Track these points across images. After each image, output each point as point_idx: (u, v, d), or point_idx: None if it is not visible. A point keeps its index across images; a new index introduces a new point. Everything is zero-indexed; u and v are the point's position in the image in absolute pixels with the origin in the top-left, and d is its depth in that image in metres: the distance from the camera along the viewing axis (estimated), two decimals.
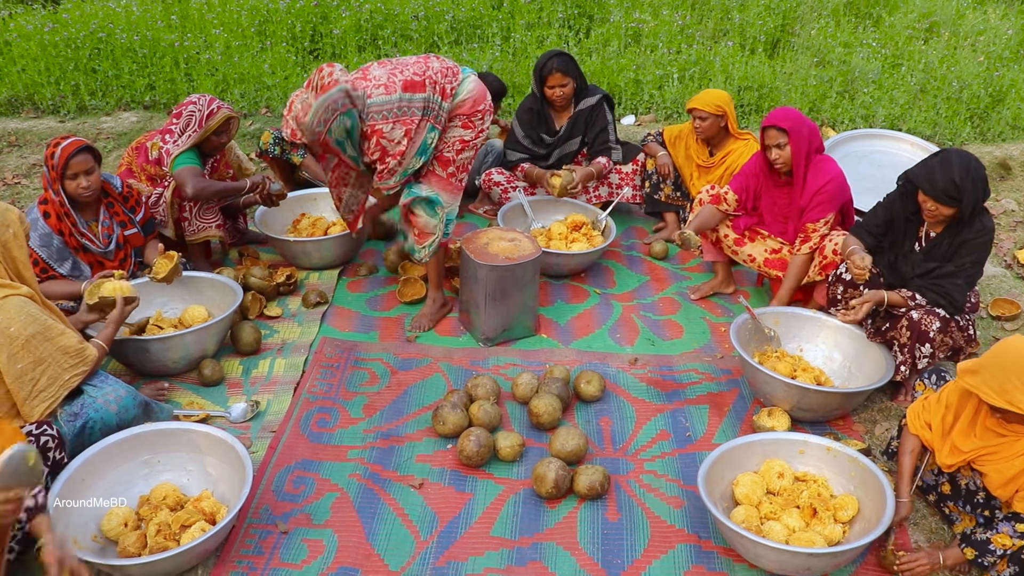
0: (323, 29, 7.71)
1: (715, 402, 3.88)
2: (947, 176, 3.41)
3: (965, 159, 3.45)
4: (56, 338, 3.08)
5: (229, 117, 4.50)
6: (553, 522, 3.21)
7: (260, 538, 3.12)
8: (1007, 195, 5.85)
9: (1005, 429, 2.82)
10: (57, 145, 3.82)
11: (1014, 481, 2.79)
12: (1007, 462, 2.80)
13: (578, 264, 4.85)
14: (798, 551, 2.82)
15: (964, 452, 2.90)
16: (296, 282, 4.72)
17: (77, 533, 2.89)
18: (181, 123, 4.40)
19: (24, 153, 6.31)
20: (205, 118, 4.41)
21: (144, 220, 4.24)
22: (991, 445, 2.84)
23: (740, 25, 7.70)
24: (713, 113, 4.79)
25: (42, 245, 3.87)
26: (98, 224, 4.04)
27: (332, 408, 3.81)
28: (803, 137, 4.02)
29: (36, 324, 3.02)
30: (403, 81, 3.74)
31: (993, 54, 7.30)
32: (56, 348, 3.08)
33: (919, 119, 6.47)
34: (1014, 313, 4.46)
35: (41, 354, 3.04)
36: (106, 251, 4.04)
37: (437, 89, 3.79)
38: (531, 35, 7.62)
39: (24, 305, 3.02)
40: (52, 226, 3.89)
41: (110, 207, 4.10)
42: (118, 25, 7.34)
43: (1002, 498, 2.86)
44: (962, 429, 2.93)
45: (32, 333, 3.00)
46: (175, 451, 3.26)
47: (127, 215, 4.15)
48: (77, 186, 3.86)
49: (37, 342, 3.02)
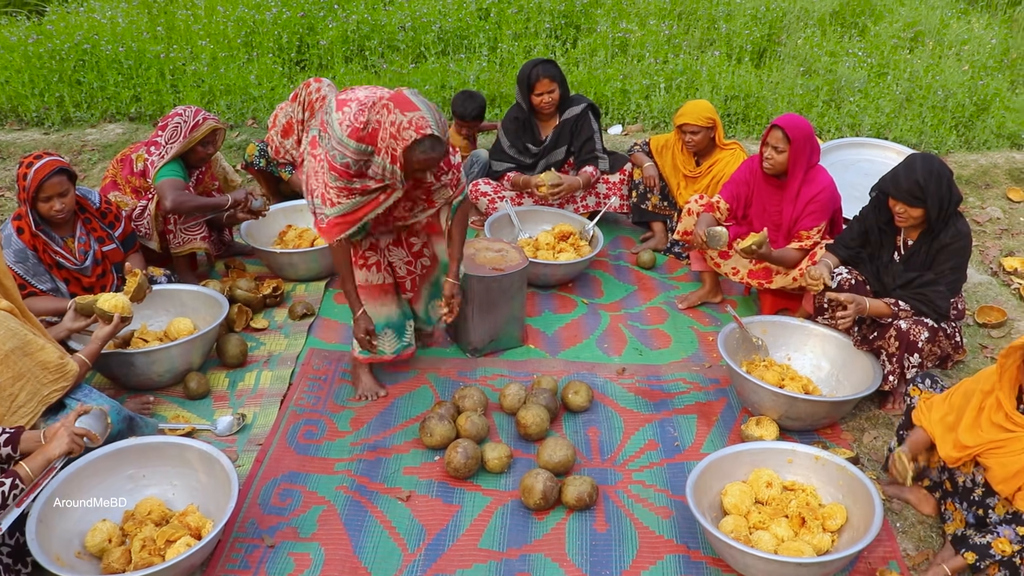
0: (310, 40, 7.69)
1: (703, 412, 3.87)
2: (911, 177, 3.51)
3: (928, 161, 3.54)
4: (36, 353, 3.05)
5: (215, 128, 4.48)
6: (541, 534, 3.20)
7: (246, 552, 3.09)
8: (992, 203, 5.88)
9: (1013, 424, 2.82)
10: (30, 166, 3.70)
11: (1017, 476, 2.79)
12: (1012, 456, 2.79)
13: (565, 274, 4.85)
14: (787, 561, 2.82)
15: (969, 447, 2.90)
16: (283, 294, 4.69)
17: (60, 550, 2.86)
18: (166, 134, 4.37)
19: (8, 166, 6.26)
20: (191, 129, 4.39)
21: (124, 235, 4.19)
22: (998, 440, 2.84)
23: (727, 35, 7.72)
24: (704, 126, 4.80)
25: (17, 261, 3.81)
26: (74, 240, 3.97)
27: (319, 420, 3.79)
28: (803, 152, 4.06)
29: (15, 339, 2.99)
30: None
31: (977, 63, 7.35)
32: (36, 363, 3.05)
33: (905, 128, 6.50)
34: (1000, 320, 4.48)
35: (20, 369, 3.01)
36: (82, 267, 3.97)
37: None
38: (518, 45, 7.62)
39: (3, 320, 2.99)
40: (26, 242, 3.82)
41: (87, 223, 4.03)
42: (103, 36, 7.30)
43: (1004, 494, 2.85)
44: (967, 426, 2.93)
45: (10, 348, 2.97)
46: (160, 465, 3.23)
47: (105, 231, 4.09)
48: (50, 208, 3.78)
49: (16, 357, 2.99)
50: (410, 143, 3.11)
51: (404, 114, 3.10)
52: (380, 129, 3.15)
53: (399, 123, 3.10)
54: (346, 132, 3.18)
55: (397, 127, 3.10)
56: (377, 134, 3.16)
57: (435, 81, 7.02)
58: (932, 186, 3.48)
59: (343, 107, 3.24)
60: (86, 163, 6.22)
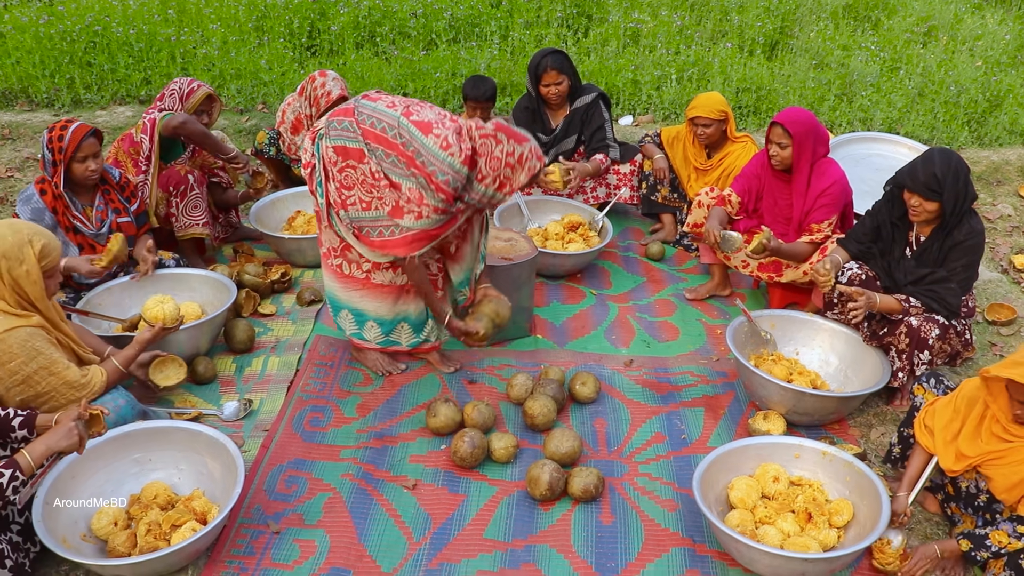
0: (321, 25, 7.68)
1: (711, 405, 3.87)
2: (928, 170, 3.50)
3: (946, 156, 3.53)
4: (61, 372, 3.06)
5: (210, 96, 4.58)
6: (547, 524, 3.19)
7: (251, 538, 3.10)
8: (1004, 200, 5.85)
9: (1011, 435, 2.81)
10: (64, 128, 3.82)
11: (1020, 486, 2.78)
12: (1013, 467, 2.79)
13: (574, 265, 4.83)
14: (793, 556, 2.81)
15: (970, 457, 2.89)
16: (291, 280, 4.69)
17: (66, 532, 2.87)
18: (165, 102, 4.53)
19: (17, 146, 6.26)
20: (185, 96, 4.53)
21: (139, 211, 4.23)
22: (998, 450, 2.83)
23: (739, 27, 7.69)
24: (716, 119, 4.77)
25: (33, 219, 3.85)
26: (92, 208, 4.04)
27: (325, 407, 3.79)
28: (807, 145, 4.04)
29: (39, 359, 2.99)
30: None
31: (991, 59, 7.30)
32: (61, 382, 3.06)
33: (917, 123, 6.47)
34: (1010, 318, 4.46)
35: (43, 388, 3.03)
36: (97, 234, 4.03)
37: None
38: (530, 34, 7.59)
39: (29, 339, 2.99)
40: (47, 203, 3.89)
41: (106, 194, 4.11)
42: (114, 18, 7.29)
43: (1007, 502, 2.85)
44: (968, 435, 2.92)
45: (34, 369, 2.99)
46: (167, 450, 3.23)
47: (123, 203, 4.15)
48: (85, 169, 3.89)
49: (40, 377, 3.01)
50: (536, 172, 3.31)
51: (520, 144, 3.26)
52: (488, 158, 3.25)
53: (520, 153, 3.26)
54: (459, 159, 3.23)
55: (517, 157, 3.26)
56: (478, 162, 3.28)
57: (446, 69, 7.00)
58: (949, 180, 3.46)
59: (430, 131, 3.27)
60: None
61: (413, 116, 3.33)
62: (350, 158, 3.42)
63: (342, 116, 3.44)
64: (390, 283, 3.75)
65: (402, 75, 7.00)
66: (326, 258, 3.81)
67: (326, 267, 3.84)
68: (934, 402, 3.12)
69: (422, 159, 3.27)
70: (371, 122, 3.37)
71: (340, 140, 3.42)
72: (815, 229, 4.15)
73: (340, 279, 3.80)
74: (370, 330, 3.88)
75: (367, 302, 3.80)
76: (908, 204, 3.60)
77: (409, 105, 3.40)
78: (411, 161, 3.30)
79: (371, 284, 3.75)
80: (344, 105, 3.52)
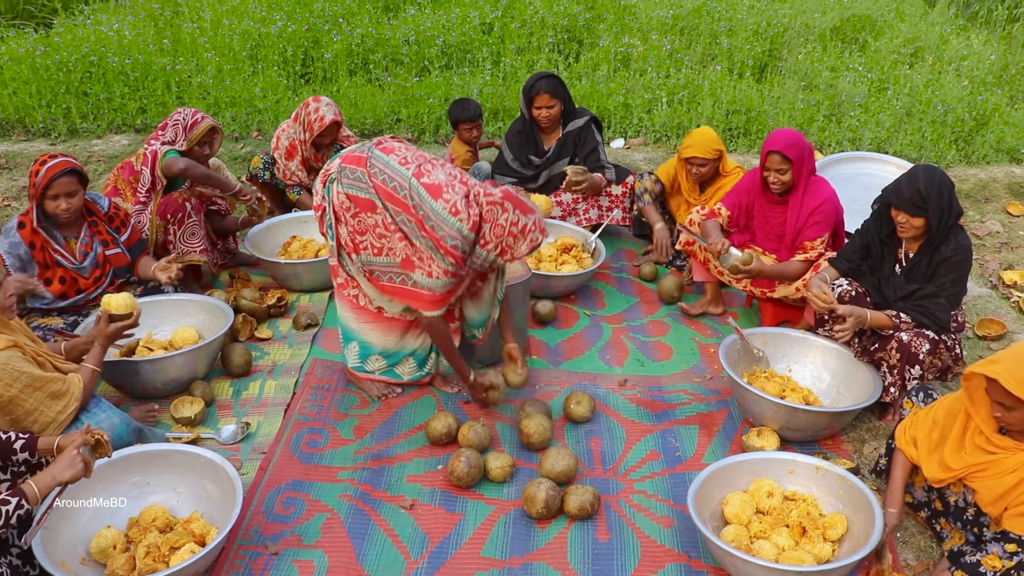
0: (314, 53, 7.76)
1: (704, 422, 3.89)
2: (912, 187, 3.56)
3: (930, 172, 3.59)
4: (45, 386, 3.07)
5: (213, 128, 4.59)
6: (543, 542, 3.21)
7: (250, 559, 3.11)
8: (992, 216, 5.91)
9: (994, 446, 2.84)
10: (43, 164, 3.82)
11: (1004, 498, 2.81)
12: (997, 479, 2.81)
13: (568, 286, 4.87)
14: (788, 569, 2.83)
15: (954, 469, 2.92)
16: (287, 304, 4.72)
17: (65, 555, 2.88)
18: (167, 133, 4.52)
19: (14, 176, 6.31)
20: (189, 127, 4.52)
21: (132, 241, 4.24)
22: (981, 462, 2.86)
23: (728, 50, 7.78)
24: (712, 159, 4.81)
25: (8, 251, 3.87)
26: (77, 241, 4.03)
27: (322, 429, 3.81)
28: (804, 164, 4.10)
29: (22, 379, 3.00)
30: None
31: (976, 79, 7.40)
32: (45, 395, 3.08)
33: (905, 142, 6.55)
34: (1000, 333, 4.50)
35: (30, 407, 3.04)
36: (80, 267, 4.01)
37: None
38: (521, 59, 7.68)
39: (8, 362, 2.98)
40: (24, 236, 3.89)
41: (93, 226, 4.10)
42: (110, 49, 7.36)
43: (992, 515, 2.87)
44: (952, 447, 2.95)
45: (19, 389, 2.99)
46: (165, 472, 3.25)
47: (111, 235, 4.15)
48: (56, 207, 3.87)
49: (25, 395, 3.01)
50: (538, 244, 3.39)
51: (525, 216, 3.33)
52: (492, 225, 3.32)
53: (524, 225, 3.34)
54: (467, 225, 3.29)
55: (521, 228, 3.34)
56: (483, 228, 3.34)
57: (439, 95, 7.08)
58: (933, 196, 3.52)
59: (439, 195, 3.32)
60: (92, 174, 6.25)
61: (424, 178, 3.35)
62: (362, 207, 3.46)
63: (355, 165, 3.46)
64: (401, 316, 3.78)
65: (395, 101, 7.08)
66: (342, 288, 3.80)
67: (340, 297, 3.84)
68: (916, 413, 3.15)
69: (431, 223, 3.31)
70: (383, 179, 3.39)
71: (352, 189, 3.45)
72: (808, 247, 4.19)
73: (355, 310, 3.81)
74: (373, 363, 3.91)
75: (376, 335, 3.82)
76: (895, 221, 3.66)
77: (421, 164, 3.41)
78: (420, 224, 3.34)
79: (383, 317, 3.77)
80: (357, 151, 3.52)
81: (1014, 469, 2.79)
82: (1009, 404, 2.72)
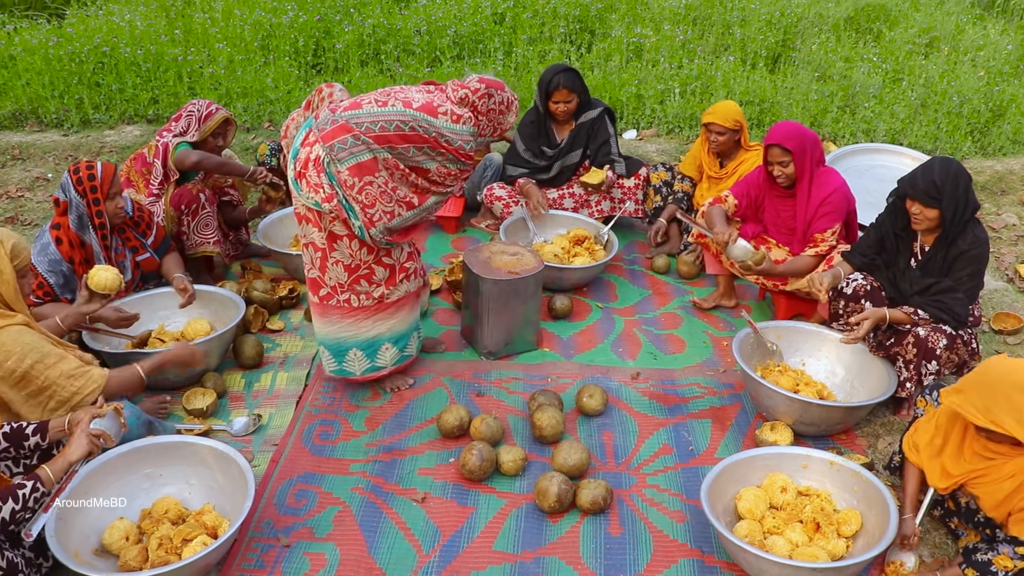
0: (326, 44, 7.75)
1: (717, 416, 3.88)
2: (928, 178, 3.52)
3: (946, 163, 3.56)
4: (56, 364, 3.10)
5: (227, 119, 4.60)
6: (555, 536, 3.20)
7: (262, 552, 3.11)
8: (1008, 209, 5.86)
9: (991, 452, 2.81)
10: (90, 167, 3.85)
11: (1005, 503, 2.79)
12: (996, 484, 2.79)
13: (580, 278, 4.85)
14: (801, 566, 2.81)
15: (954, 476, 2.90)
16: (299, 295, 4.72)
17: (78, 547, 2.89)
18: (180, 124, 4.52)
19: (28, 167, 6.33)
20: (203, 119, 4.52)
21: (158, 242, 4.25)
22: (980, 468, 2.84)
23: (741, 40, 7.73)
24: (730, 128, 4.79)
25: (50, 271, 3.87)
26: (111, 252, 4.04)
27: (334, 421, 3.81)
28: (806, 154, 4.06)
29: (33, 354, 3.04)
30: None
31: (993, 69, 7.33)
32: (58, 374, 3.10)
33: (920, 133, 6.49)
34: (1016, 327, 4.46)
35: (43, 383, 3.08)
36: None
37: None
38: (533, 50, 7.65)
39: (20, 335, 3.03)
40: (63, 253, 3.88)
41: (122, 233, 4.12)
42: (122, 39, 7.38)
43: (996, 519, 2.86)
44: (952, 453, 2.93)
45: (30, 364, 3.03)
46: (177, 464, 3.26)
47: (139, 239, 4.17)
48: (115, 206, 3.92)
49: (37, 372, 3.05)
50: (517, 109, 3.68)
51: (501, 91, 3.58)
52: (486, 114, 3.56)
53: (507, 100, 3.60)
54: (471, 124, 3.50)
55: (507, 104, 3.61)
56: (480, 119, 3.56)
57: None
58: (948, 187, 3.49)
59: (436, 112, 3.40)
60: None
61: (414, 104, 3.39)
62: (366, 174, 3.36)
63: (338, 135, 3.33)
64: (405, 293, 3.77)
65: None
66: (326, 300, 3.67)
67: (325, 311, 3.71)
68: (918, 421, 3.13)
69: (446, 139, 3.41)
70: (381, 126, 3.30)
71: (351, 159, 3.33)
72: (819, 240, 4.16)
73: (349, 314, 3.69)
74: (385, 353, 3.87)
75: (381, 324, 3.78)
76: (910, 212, 3.62)
77: (396, 95, 3.44)
78: (436, 144, 3.41)
79: (385, 304, 3.74)
80: (329, 127, 3.35)
81: (1012, 475, 2.76)
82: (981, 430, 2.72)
